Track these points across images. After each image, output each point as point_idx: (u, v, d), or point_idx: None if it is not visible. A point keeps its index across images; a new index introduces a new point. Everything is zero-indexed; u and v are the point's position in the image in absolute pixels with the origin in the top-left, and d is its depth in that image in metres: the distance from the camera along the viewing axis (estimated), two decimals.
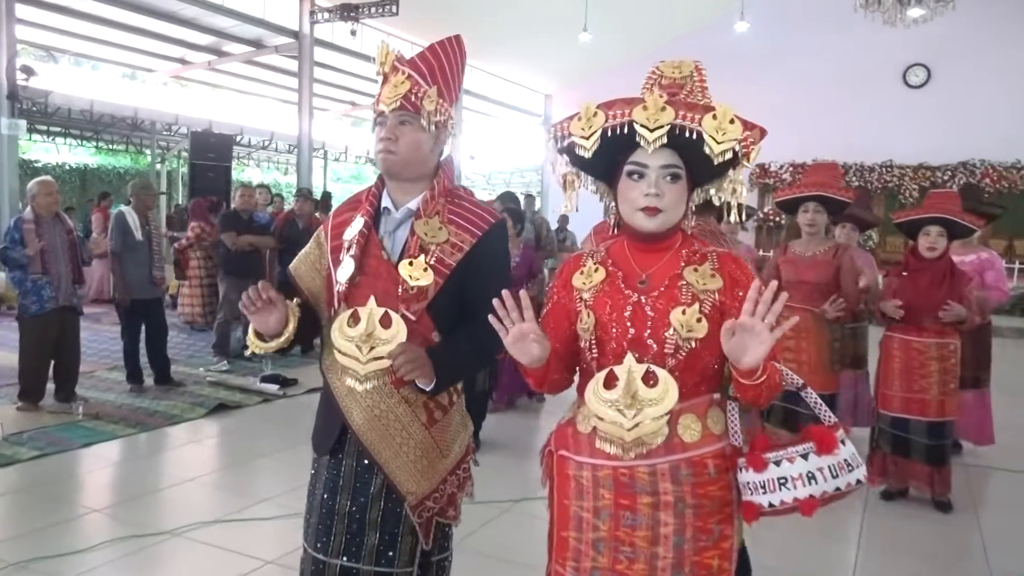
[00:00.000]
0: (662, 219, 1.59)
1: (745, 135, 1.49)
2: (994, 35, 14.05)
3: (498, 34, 14.74)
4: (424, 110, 1.83)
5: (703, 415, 1.59)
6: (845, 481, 1.51)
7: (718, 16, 15.17)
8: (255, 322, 1.85)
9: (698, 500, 1.56)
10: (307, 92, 13.32)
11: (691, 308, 1.56)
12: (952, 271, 3.96)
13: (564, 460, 1.68)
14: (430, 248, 1.83)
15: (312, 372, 6.84)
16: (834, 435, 1.52)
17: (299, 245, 7.13)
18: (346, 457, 1.90)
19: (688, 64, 1.66)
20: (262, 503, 3.84)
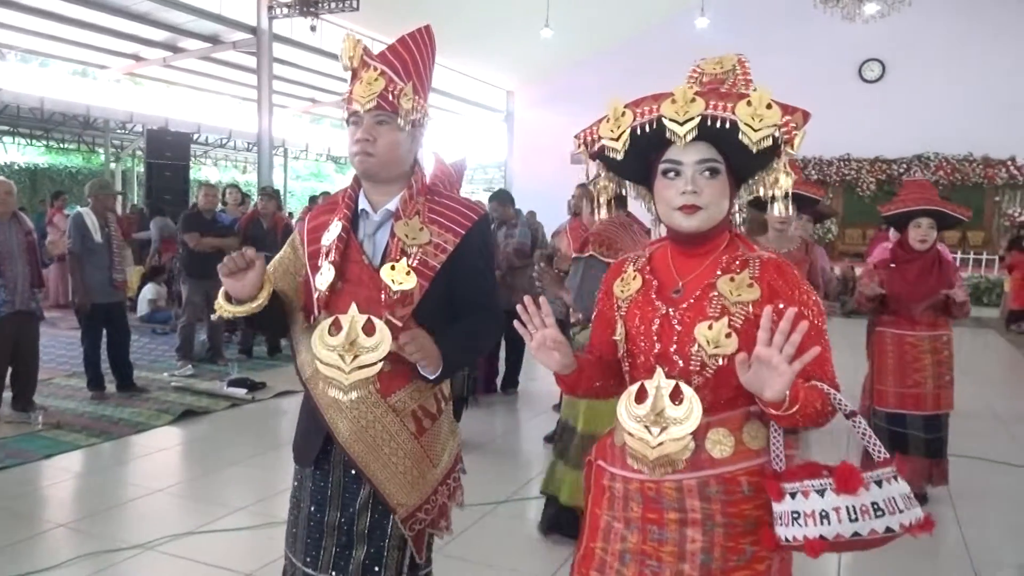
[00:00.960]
0: (703, 217, 1.48)
1: (785, 119, 1.38)
2: (946, 31, 14.36)
3: (460, 30, 14.63)
4: (401, 108, 1.75)
5: (737, 429, 1.49)
6: (868, 527, 1.33)
7: (679, 12, 15.26)
8: (228, 284, 1.72)
9: (728, 519, 1.47)
10: (266, 89, 13.06)
11: (718, 323, 1.45)
12: (940, 261, 3.95)
13: (601, 470, 1.63)
14: (412, 250, 1.76)
15: (280, 375, 6.71)
16: (859, 474, 1.35)
17: (264, 245, 7.02)
18: (333, 468, 1.83)
19: (730, 58, 1.54)
20: (236, 513, 3.73)
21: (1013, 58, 13.94)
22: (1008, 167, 14.68)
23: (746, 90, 1.50)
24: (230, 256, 1.70)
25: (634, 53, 16.18)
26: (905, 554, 3.44)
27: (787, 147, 1.41)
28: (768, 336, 1.31)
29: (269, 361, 7.36)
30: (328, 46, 14.22)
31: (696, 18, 14.43)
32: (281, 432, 5.43)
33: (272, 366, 7.13)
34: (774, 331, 1.31)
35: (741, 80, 1.52)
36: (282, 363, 7.34)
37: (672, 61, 16.06)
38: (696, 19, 14.42)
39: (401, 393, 1.78)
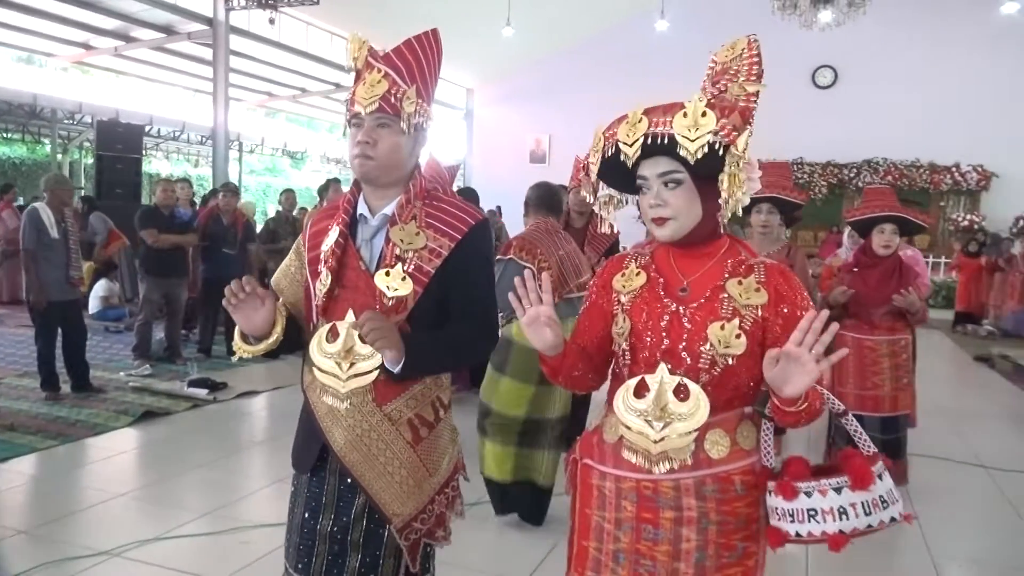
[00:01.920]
0: (673, 227, 1.54)
1: (721, 124, 1.43)
2: (896, 41, 14.76)
3: (419, 27, 14.38)
4: (404, 112, 1.73)
5: (732, 430, 1.55)
6: (878, 519, 1.45)
7: (639, 14, 15.39)
8: (240, 321, 1.73)
9: (723, 517, 1.53)
10: (222, 82, 12.80)
11: (730, 323, 1.50)
12: (901, 267, 4.08)
13: (588, 469, 1.64)
14: (407, 256, 1.75)
15: (241, 376, 6.60)
16: (870, 470, 1.46)
17: (224, 242, 6.91)
18: (329, 475, 1.81)
19: (741, 42, 1.58)
20: (203, 517, 3.66)
21: (959, 69, 14.39)
22: (952, 173, 15.15)
23: (749, 74, 1.54)
24: (228, 287, 1.68)
25: (595, 53, 16.29)
26: (868, 548, 3.54)
27: (731, 150, 1.45)
28: (802, 336, 1.35)
29: (229, 361, 7.22)
30: (286, 39, 14.02)
31: (656, 20, 14.60)
32: (244, 434, 5.35)
33: (232, 366, 6.99)
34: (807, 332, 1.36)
35: (745, 64, 1.55)
36: (242, 363, 7.20)
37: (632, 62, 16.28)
38: (656, 21, 14.59)
39: (397, 402, 1.76)
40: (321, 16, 13.96)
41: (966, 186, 15.15)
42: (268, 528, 3.53)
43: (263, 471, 4.52)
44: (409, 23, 11.40)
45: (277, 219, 8.12)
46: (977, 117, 14.30)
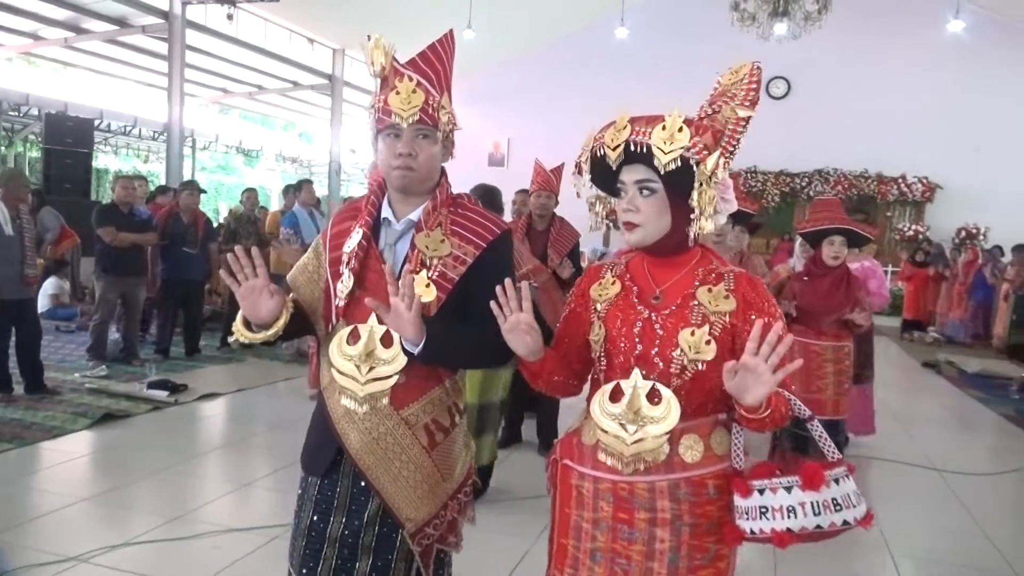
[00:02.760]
0: (640, 233, 1.61)
1: (694, 141, 1.49)
2: (847, 54, 15.17)
3: (379, 26, 14.22)
4: (440, 123, 1.75)
5: (706, 435, 1.60)
6: (828, 520, 1.48)
7: (599, 20, 15.55)
8: (246, 308, 1.71)
9: (695, 519, 1.58)
10: (178, 77, 12.54)
11: (700, 330, 1.55)
12: (848, 277, 4.25)
13: (568, 469, 1.69)
14: (432, 262, 1.76)
15: (201, 377, 6.49)
16: (823, 472, 1.50)
17: (184, 241, 6.78)
18: (341, 478, 1.80)
19: (745, 66, 1.64)
20: (172, 522, 3.59)
21: (906, 83, 14.86)
22: (899, 184, 15.62)
23: (744, 97, 1.60)
24: (231, 255, 1.68)
25: (555, 58, 16.40)
26: (830, 548, 3.65)
27: (700, 167, 1.50)
28: (756, 346, 1.40)
29: (188, 362, 7.09)
30: (244, 35, 13.81)
31: (616, 27, 14.75)
32: (208, 437, 5.26)
33: (192, 367, 6.87)
34: (760, 342, 1.41)
35: (743, 87, 1.62)
36: (202, 364, 7.09)
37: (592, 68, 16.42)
38: (616, 28, 14.74)
39: (415, 406, 1.77)
40: (280, 13, 13.78)
41: (911, 197, 15.64)
42: (239, 532, 3.49)
43: (229, 474, 4.45)
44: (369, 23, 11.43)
45: (239, 218, 7.99)
46: (923, 130, 14.78)
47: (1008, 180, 14.08)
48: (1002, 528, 4.15)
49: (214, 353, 7.60)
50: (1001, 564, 3.65)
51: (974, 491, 4.67)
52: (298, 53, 15.32)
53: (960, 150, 14.60)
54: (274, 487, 4.18)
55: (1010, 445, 6.04)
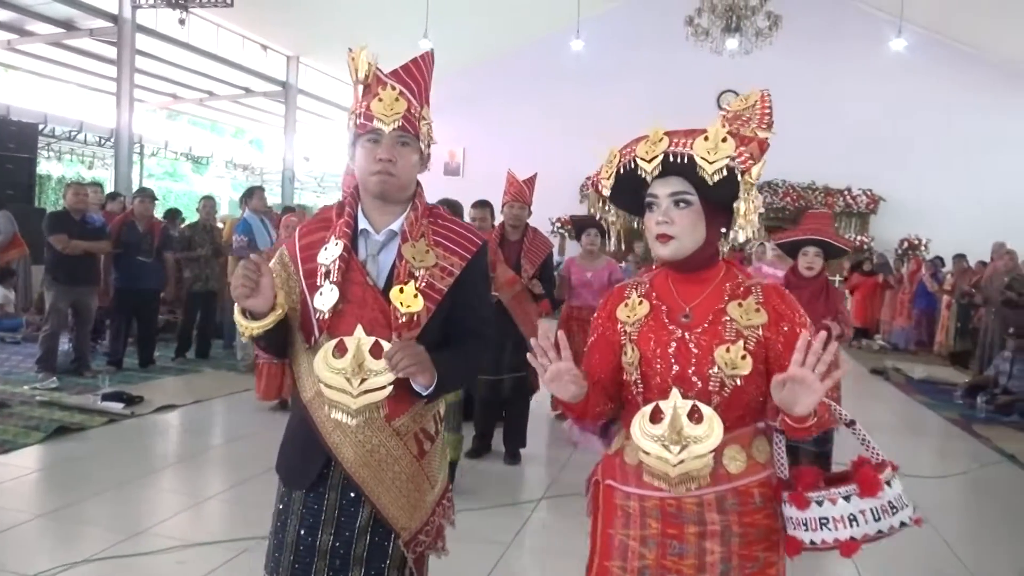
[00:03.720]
0: (675, 246, 1.60)
1: (739, 151, 1.51)
2: (795, 69, 15.55)
3: (334, 33, 14.36)
4: (421, 132, 1.77)
5: (748, 445, 1.61)
6: (888, 524, 1.50)
7: (555, 32, 15.66)
8: (240, 298, 1.66)
9: (744, 529, 1.58)
10: (127, 82, 12.24)
11: (735, 345, 1.56)
12: (828, 288, 4.32)
13: (611, 490, 1.68)
14: (419, 273, 1.75)
15: (157, 388, 6.34)
16: (879, 478, 1.51)
17: (139, 250, 6.61)
18: (329, 491, 1.78)
19: (755, 93, 1.65)
20: (134, 537, 3.49)
21: (852, 99, 15.30)
22: (844, 196, 16.06)
23: (759, 123, 1.61)
24: (242, 267, 1.62)
25: (510, 69, 16.49)
26: None
27: (745, 176, 1.52)
28: (803, 356, 1.42)
29: (142, 373, 6.91)
30: (195, 40, 13.57)
31: (572, 40, 14.88)
32: (167, 450, 5.14)
33: (146, 378, 6.70)
34: (807, 353, 1.42)
35: (757, 115, 1.63)
36: (156, 375, 6.92)
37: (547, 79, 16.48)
38: (572, 40, 14.88)
39: (405, 417, 1.76)
40: (233, 19, 13.59)
41: (856, 209, 16.08)
42: (204, 547, 3.42)
43: (190, 488, 4.35)
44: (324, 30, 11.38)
45: (194, 227, 7.83)
46: (867, 144, 15.23)
47: (948, 193, 14.59)
48: (957, 530, 4.28)
49: (169, 364, 7.43)
50: (959, 567, 3.77)
51: (928, 494, 4.81)
52: (251, 59, 15.10)
53: (902, 163, 15.10)
54: (236, 499, 4.10)
55: (957, 448, 6.27)
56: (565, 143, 15.12)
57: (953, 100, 14.66)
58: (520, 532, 3.83)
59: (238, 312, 1.70)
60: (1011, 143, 14.27)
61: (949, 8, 13.35)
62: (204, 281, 7.62)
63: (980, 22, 13.39)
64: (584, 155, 16.22)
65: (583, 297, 5.32)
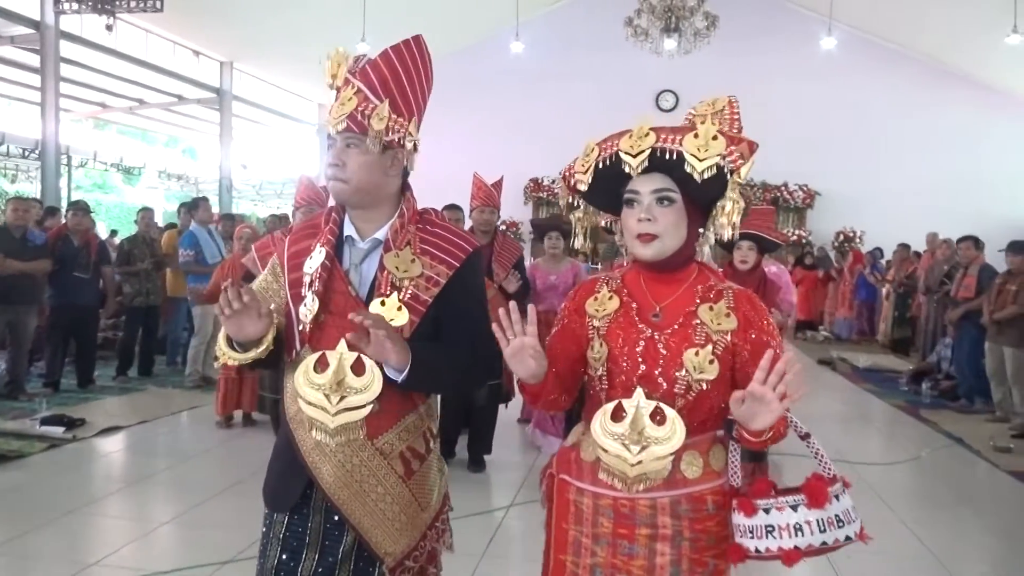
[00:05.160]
0: (657, 246, 1.57)
1: (730, 150, 1.48)
2: (730, 68, 15.81)
3: (270, 38, 14.09)
4: (372, 129, 1.63)
5: (705, 452, 1.60)
6: (833, 537, 1.50)
7: (495, 34, 15.65)
8: (231, 327, 1.59)
9: (695, 534, 1.57)
10: (52, 91, 11.72)
11: (704, 349, 1.54)
12: (765, 281, 4.39)
13: (565, 484, 1.66)
14: (403, 284, 1.66)
15: (98, 410, 6.06)
16: (827, 490, 1.51)
17: (76, 264, 6.33)
18: (312, 513, 1.69)
19: (722, 100, 1.64)
20: (87, 570, 3.30)
21: (785, 97, 15.64)
22: (782, 191, 16.43)
23: (732, 126, 1.60)
24: (224, 295, 1.53)
25: (450, 71, 16.32)
26: None
27: (734, 176, 1.50)
28: (764, 376, 1.40)
29: (82, 394, 6.60)
30: (124, 47, 13.10)
31: (511, 42, 14.88)
32: (113, 474, 4.91)
33: (86, 399, 6.40)
34: (769, 372, 1.41)
35: (727, 120, 1.62)
36: (97, 396, 6.62)
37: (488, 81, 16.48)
38: (511, 43, 14.87)
39: (389, 435, 1.67)
40: (163, 24, 13.17)
41: (793, 203, 16.46)
42: (174, 574, 3.25)
43: (143, 514, 4.15)
44: (259, 35, 11.10)
45: (133, 240, 7.51)
46: (802, 140, 15.58)
47: (880, 186, 15.03)
48: (916, 514, 4.38)
49: (109, 383, 7.12)
50: (920, 549, 3.84)
51: (884, 480, 4.92)
52: (183, 66, 14.66)
53: (835, 159, 15.51)
54: (192, 524, 3.92)
55: (907, 433, 6.44)
56: (508, 145, 15.12)
57: (882, 96, 15.13)
58: (492, 541, 3.75)
59: (223, 340, 1.61)
60: (938, 136, 14.79)
61: (875, 6, 13.77)
62: (145, 295, 7.32)
63: (904, 19, 13.85)
64: (526, 157, 16.27)
65: (548, 300, 5.28)
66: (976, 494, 5.10)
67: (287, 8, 13.31)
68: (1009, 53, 12.07)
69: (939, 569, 3.65)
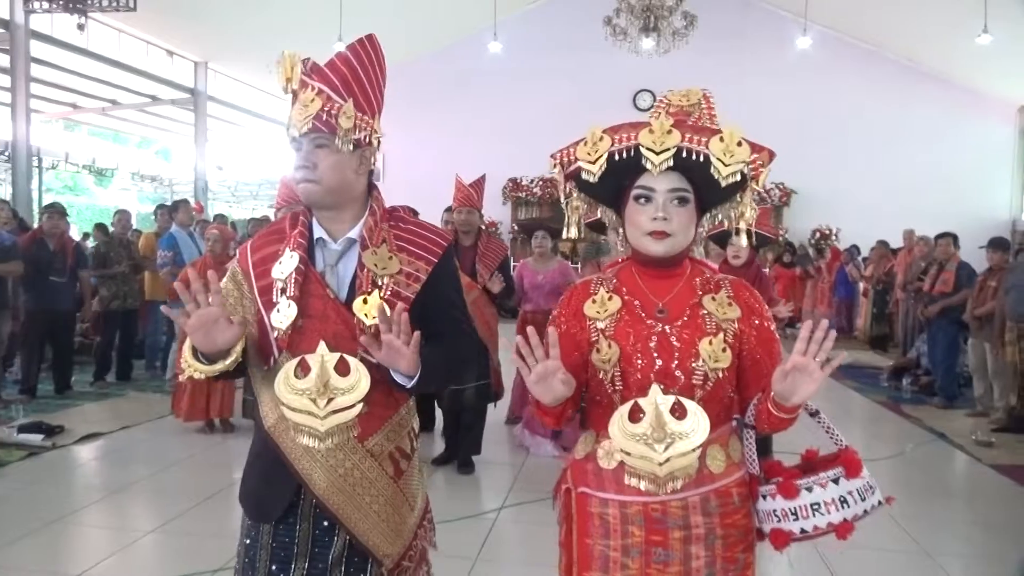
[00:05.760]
0: (670, 243, 1.56)
1: (753, 157, 1.49)
2: (707, 68, 15.85)
3: (245, 38, 13.93)
4: (340, 128, 1.62)
5: (726, 444, 1.59)
6: (870, 503, 1.53)
7: (473, 34, 15.60)
8: (198, 339, 1.53)
9: (726, 530, 1.56)
10: (23, 92, 11.50)
11: (716, 338, 1.55)
12: (759, 276, 4.41)
13: (586, 497, 1.61)
14: (383, 281, 1.65)
15: (77, 416, 5.95)
16: (859, 459, 1.54)
17: (52, 269, 6.23)
18: (300, 521, 1.66)
19: (696, 92, 1.65)
20: None
21: (761, 95, 15.72)
22: (759, 190, 16.60)
23: (711, 124, 1.62)
24: (186, 292, 1.50)
25: (428, 71, 16.31)
26: None
27: (753, 183, 1.52)
28: (805, 346, 1.40)
29: (59, 400, 6.48)
30: (95, 47, 12.89)
31: (489, 42, 14.85)
32: (94, 483, 4.79)
33: (64, 406, 6.28)
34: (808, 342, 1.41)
35: (706, 115, 1.64)
36: (75, 402, 6.50)
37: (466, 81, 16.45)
38: (489, 43, 14.84)
39: (378, 436, 1.66)
40: (136, 24, 12.97)
41: (771, 202, 16.59)
42: None
43: (125, 523, 4.08)
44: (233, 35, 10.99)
45: (110, 242, 7.38)
46: (778, 139, 15.33)
47: (856, 184, 15.19)
48: (904, 509, 4.39)
49: (87, 389, 6.99)
50: (907, 541, 3.89)
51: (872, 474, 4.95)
52: (157, 66, 14.46)
53: (811, 157, 15.62)
54: (176, 532, 3.84)
55: (890, 429, 6.50)
56: (486, 145, 15.10)
57: (856, 95, 15.29)
58: (485, 544, 3.72)
59: (188, 352, 1.57)
60: (912, 134, 14.98)
61: (849, 7, 13.92)
62: (122, 299, 7.20)
63: (877, 20, 14.02)
64: (505, 157, 16.23)
65: (535, 300, 5.26)
66: (960, 488, 5.17)
67: (263, 8, 13.18)
68: (979, 53, 12.25)
69: (925, 560, 3.70)
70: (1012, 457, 5.48)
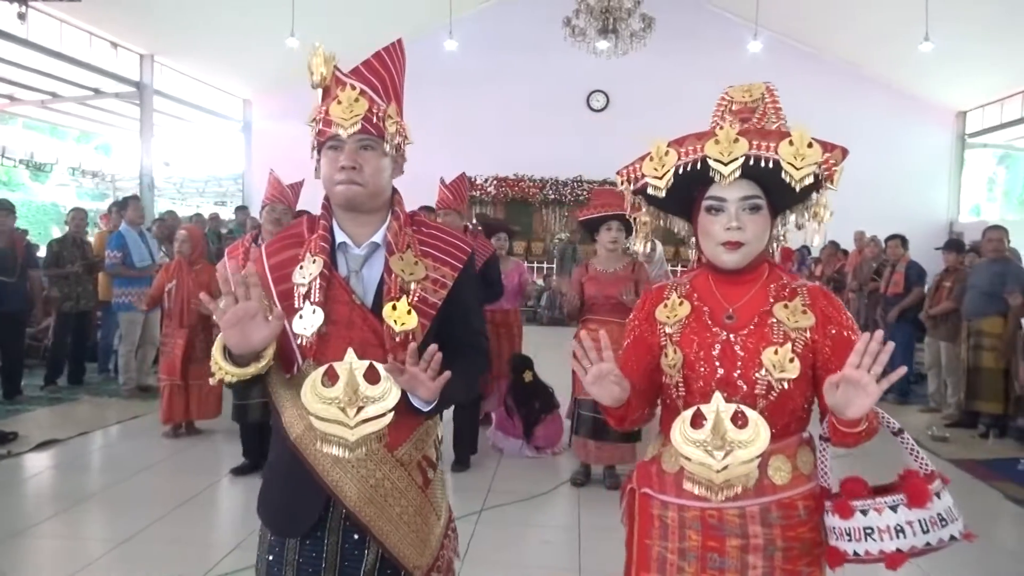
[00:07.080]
0: (744, 252, 1.55)
1: (826, 157, 1.46)
2: (660, 70, 16.15)
3: (193, 31, 13.58)
4: (387, 132, 1.62)
5: (793, 456, 1.56)
6: (937, 537, 1.44)
7: (428, 33, 15.48)
8: (233, 337, 1.48)
9: (788, 543, 1.54)
10: None
11: (783, 348, 1.51)
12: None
13: (648, 499, 1.62)
14: (410, 287, 1.63)
15: (31, 422, 5.72)
16: (928, 488, 1.45)
17: (3, 268, 5.95)
18: (329, 535, 1.62)
19: (759, 87, 1.61)
20: None
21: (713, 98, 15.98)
22: None
23: (776, 119, 1.60)
24: (229, 289, 1.45)
25: None
26: None
27: (827, 183, 1.50)
28: (859, 359, 1.36)
29: (9, 406, 6.21)
30: (36, 37, 12.40)
31: (445, 40, 14.78)
32: (54, 492, 4.60)
33: (15, 412, 6.03)
34: (863, 355, 1.37)
35: (771, 109, 1.61)
36: (27, 407, 6.24)
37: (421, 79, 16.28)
38: (445, 41, 14.77)
39: (408, 444, 1.64)
40: (79, 14, 12.53)
41: None
42: None
43: (92, 532, 3.94)
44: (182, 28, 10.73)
45: (63, 241, 7.10)
46: None
47: None
48: None
49: (37, 393, 6.73)
50: None
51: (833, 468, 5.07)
52: (100, 58, 13.98)
53: None
54: (147, 540, 3.72)
55: None
56: (444, 145, 15.01)
57: (805, 98, 15.45)
58: (469, 548, 3.70)
59: (218, 354, 1.51)
60: (858, 138, 15.34)
61: (797, 13, 14.26)
62: (75, 300, 6.94)
63: (823, 26, 14.40)
64: (462, 155, 16.18)
65: None
66: None
67: (212, 1, 12.86)
68: (921, 60, 12.68)
69: None
70: (967, 451, 5.69)
